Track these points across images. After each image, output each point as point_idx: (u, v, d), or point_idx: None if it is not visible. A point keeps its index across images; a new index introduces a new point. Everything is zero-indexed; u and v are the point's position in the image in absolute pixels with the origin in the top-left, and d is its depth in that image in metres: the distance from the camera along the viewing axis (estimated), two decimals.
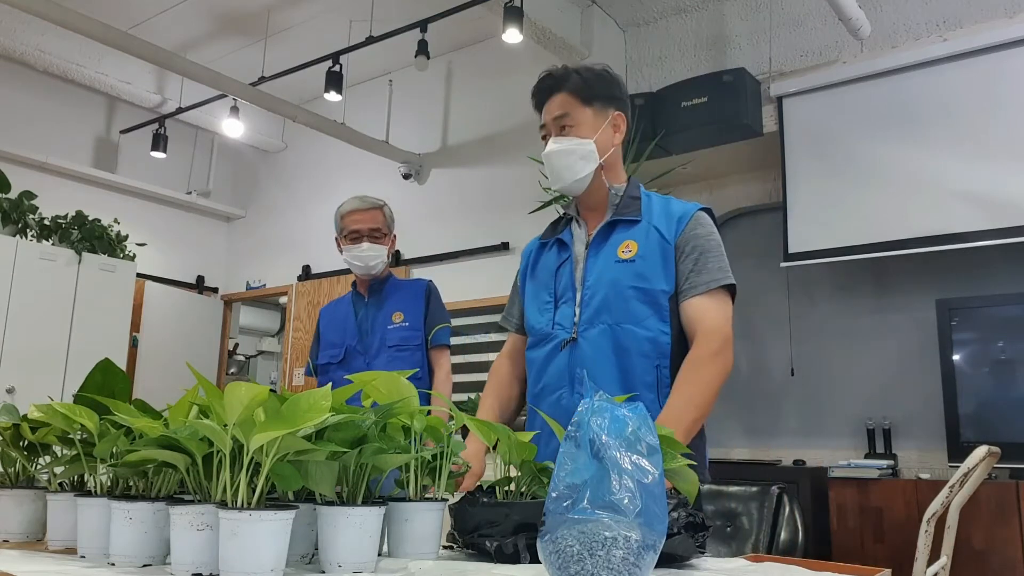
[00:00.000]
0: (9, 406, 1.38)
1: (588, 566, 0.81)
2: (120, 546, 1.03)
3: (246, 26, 5.57)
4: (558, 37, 4.67)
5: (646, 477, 0.84)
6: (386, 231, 2.68)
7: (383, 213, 2.70)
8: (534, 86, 1.80)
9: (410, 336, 2.60)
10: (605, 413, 0.88)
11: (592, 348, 1.63)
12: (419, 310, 2.65)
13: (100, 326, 5.39)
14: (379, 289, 2.71)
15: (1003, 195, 3.58)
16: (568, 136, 1.72)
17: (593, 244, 1.73)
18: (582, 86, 1.73)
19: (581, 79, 1.73)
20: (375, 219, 2.66)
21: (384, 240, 2.67)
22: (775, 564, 1.13)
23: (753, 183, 4.66)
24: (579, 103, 1.73)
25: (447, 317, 2.71)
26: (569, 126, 1.72)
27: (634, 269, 1.65)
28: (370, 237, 2.63)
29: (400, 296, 2.69)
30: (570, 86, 1.73)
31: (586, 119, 1.72)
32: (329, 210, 6.25)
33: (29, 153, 5.77)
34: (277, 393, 1.00)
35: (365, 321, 2.66)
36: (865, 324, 4.26)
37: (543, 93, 1.77)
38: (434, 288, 2.74)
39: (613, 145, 1.75)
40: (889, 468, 3.79)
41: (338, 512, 0.99)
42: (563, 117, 1.72)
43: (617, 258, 1.67)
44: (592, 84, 1.74)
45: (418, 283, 2.75)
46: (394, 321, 2.63)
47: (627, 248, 1.67)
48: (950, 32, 3.92)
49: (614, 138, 1.76)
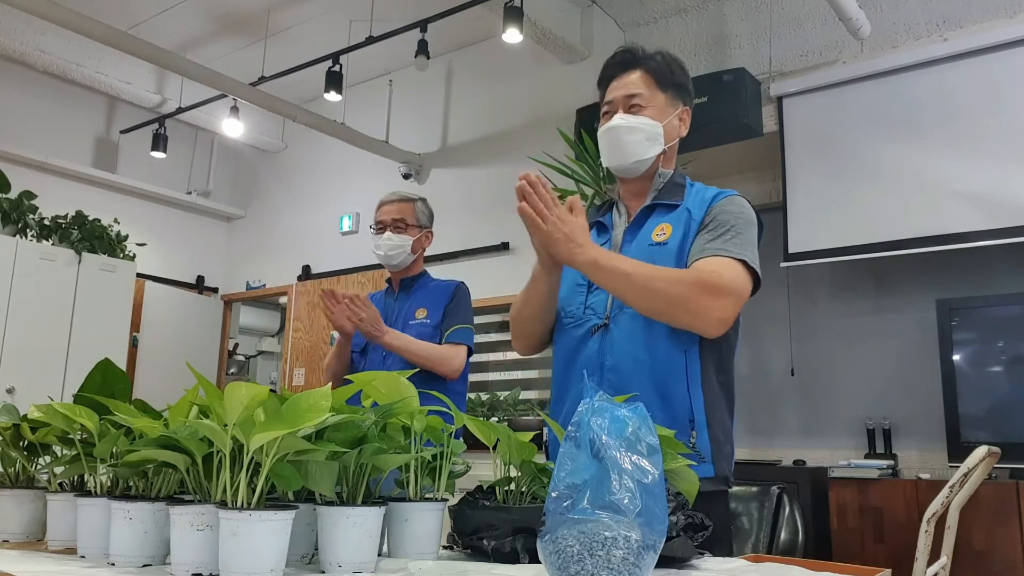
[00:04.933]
0: (9, 406, 1.38)
1: (588, 566, 0.81)
2: (120, 546, 1.03)
3: (246, 26, 5.57)
4: (558, 37, 4.67)
5: (646, 477, 0.84)
6: (413, 223, 2.64)
7: (413, 206, 2.66)
8: (609, 59, 1.73)
9: (429, 334, 2.55)
10: (605, 413, 0.88)
11: (623, 334, 1.58)
12: (441, 308, 2.61)
13: (100, 326, 5.39)
14: (410, 285, 2.70)
15: (1003, 195, 3.58)
16: (636, 115, 1.66)
17: (630, 228, 1.69)
18: (662, 69, 1.68)
19: (663, 62, 1.69)
20: (401, 210, 2.63)
21: (408, 231, 2.63)
22: (775, 564, 1.13)
23: (753, 183, 4.66)
24: (656, 86, 1.67)
25: (468, 318, 2.64)
26: (640, 106, 1.66)
27: (667, 252, 1.59)
28: (393, 227, 2.61)
29: (428, 294, 2.66)
30: (650, 66, 1.68)
31: (659, 103, 1.67)
32: (329, 210, 6.35)
33: (29, 153, 5.77)
34: (277, 393, 1.00)
35: (391, 314, 2.64)
36: (865, 324, 4.26)
37: (618, 67, 1.71)
38: (463, 288, 2.69)
39: (678, 136, 1.71)
40: (889, 468, 3.79)
41: (338, 512, 0.99)
42: (636, 96, 1.66)
43: (651, 241, 1.63)
44: (673, 70, 1.70)
45: (449, 283, 2.70)
46: (416, 317, 2.60)
47: (662, 231, 1.63)
48: (950, 32, 3.92)
49: (680, 129, 1.71)
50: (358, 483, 1.06)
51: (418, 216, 2.67)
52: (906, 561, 2.12)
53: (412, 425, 1.15)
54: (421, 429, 1.15)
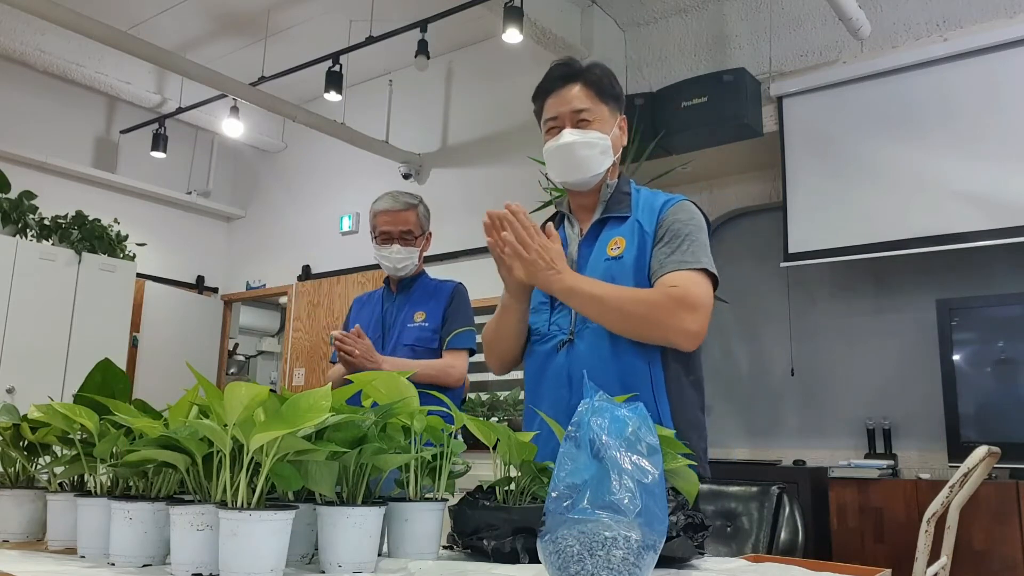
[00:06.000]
0: (9, 406, 1.38)
1: (588, 566, 0.81)
2: (120, 546, 1.03)
3: (246, 26, 5.57)
4: (558, 37, 4.67)
5: (646, 477, 0.84)
6: (419, 232, 2.59)
7: (416, 213, 2.60)
8: (548, 73, 1.72)
9: (427, 337, 2.53)
10: (605, 413, 0.88)
11: (588, 348, 1.62)
12: (440, 311, 2.57)
13: (100, 326, 5.39)
14: (408, 286, 2.64)
15: (1003, 195, 3.58)
16: (586, 130, 1.67)
17: (584, 243, 1.71)
18: (602, 82, 1.69)
19: (602, 74, 1.70)
20: (407, 221, 2.57)
21: (416, 242, 2.58)
22: (775, 564, 1.13)
23: (753, 183, 4.66)
24: (598, 98, 1.68)
25: (469, 320, 2.60)
26: (588, 120, 1.67)
27: (623, 266, 1.63)
28: (401, 240, 2.55)
29: (426, 296, 2.62)
30: (590, 79, 1.68)
31: (603, 116, 1.69)
32: (329, 210, 6.35)
33: (29, 153, 5.77)
34: (277, 393, 1.00)
35: (389, 316, 2.61)
36: (865, 324, 4.26)
37: (557, 81, 1.70)
38: (461, 290, 2.64)
39: (622, 145, 1.74)
40: (889, 468, 3.79)
41: (338, 512, 0.99)
42: (584, 111, 1.66)
43: (607, 256, 1.65)
44: (609, 82, 1.71)
45: (447, 284, 2.66)
46: (415, 320, 2.56)
47: (616, 245, 1.66)
48: (950, 32, 3.92)
49: (621, 139, 1.74)
50: (358, 483, 1.06)
51: (422, 222, 2.62)
52: (906, 561, 2.12)
53: (412, 425, 1.15)
54: (421, 429, 1.16)
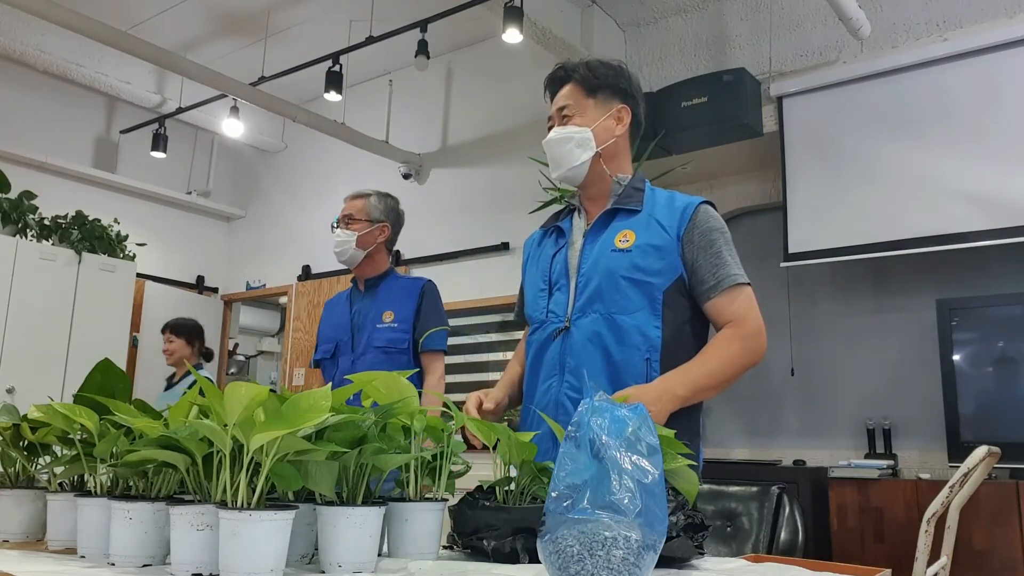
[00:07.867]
0: (9, 406, 1.38)
1: (588, 566, 0.81)
2: (120, 546, 1.03)
3: (246, 26, 5.57)
4: (558, 37, 4.67)
5: (646, 477, 0.84)
6: (362, 218, 2.59)
7: (364, 201, 2.62)
8: (546, 78, 1.83)
9: (398, 338, 2.49)
10: (605, 413, 0.88)
11: (583, 337, 1.63)
12: (410, 311, 2.53)
13: (100, 326, 5.38)
14: (375, 285, 2.62)
15: (1003, 195, 3.58)
16: (566, 125, 1.74)
17: (591, 232, 1.72)
18: (587, 77, 1.76)
19: (588, 70, 1.76)
20: (352, 207, 2.61)
21: (354, 226, 2.57)
22: (775, 564, 1.13)
23: (753, 183, 4.66)
24: (583, 94, 1.75)
25: (443, 320, 2.57)
26: (569, 116, 1.74)
27: (630, 259, 1.63)
28: (342, 223, 2.59)
29: (394, 294, 2.58)
30: (576, 77, 1.76)
31: (587, 109, 1.74)
32: (329, 210, 6.32)
33: (29, 153, 5.77)
34: (277, 393, 1.00)
35: (357, 317, 2.57)
36: (865, 324, 4.26)
37: (554, 84, 1.80)
38: (431, 288, 2.60)
39: (614, 136, 1.75)
40: (889, 468, 3.79)
41: (338, 512, 0.99)
42: (566, 108, 1.75)
43: (614, 247, 1.65)
44: (599, 75, 1.75)
45: (415, 282, 2.62)
46: (384, 320, 2.52)
47: (624, 238, 1.66)
48: (950, 32, 3.92)
49: (615, 129, 1.75)
50: (358, 483, 1.06)
51: (368, 211, 2.61)
52: (906, 561, 2.12)
53: (412, 425, 1.15)
54: (421, 429, 1.16)
